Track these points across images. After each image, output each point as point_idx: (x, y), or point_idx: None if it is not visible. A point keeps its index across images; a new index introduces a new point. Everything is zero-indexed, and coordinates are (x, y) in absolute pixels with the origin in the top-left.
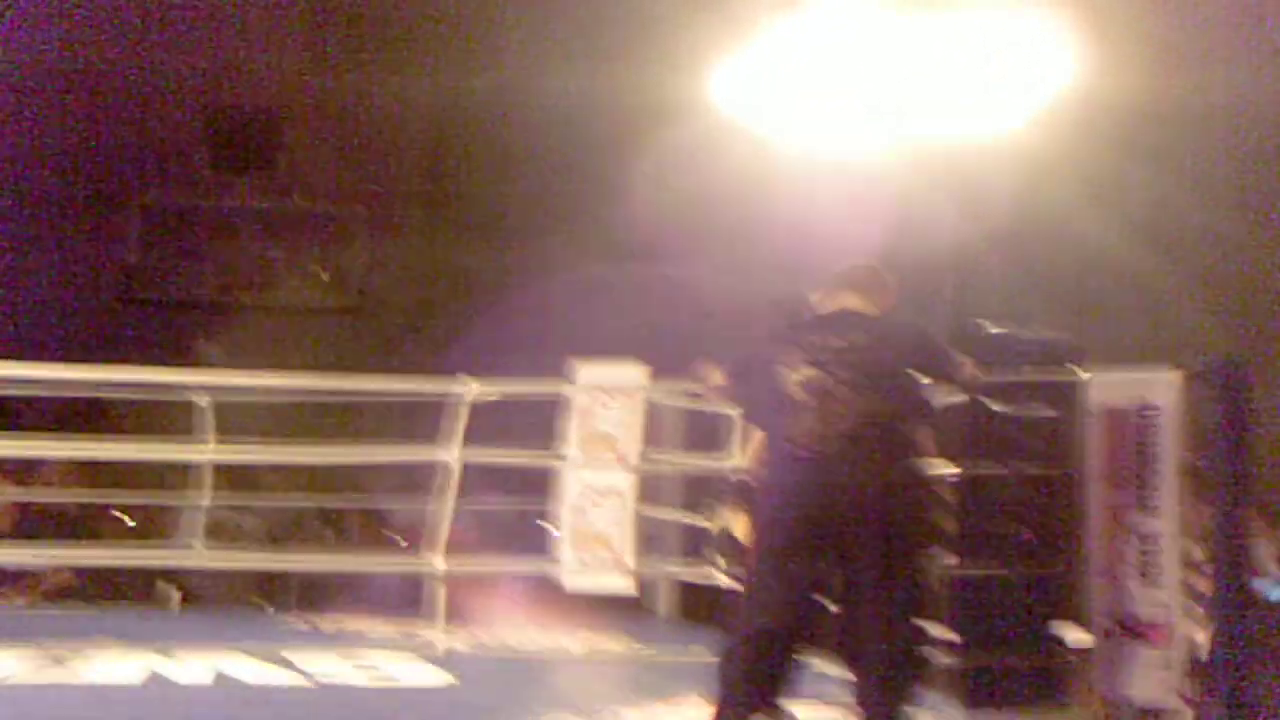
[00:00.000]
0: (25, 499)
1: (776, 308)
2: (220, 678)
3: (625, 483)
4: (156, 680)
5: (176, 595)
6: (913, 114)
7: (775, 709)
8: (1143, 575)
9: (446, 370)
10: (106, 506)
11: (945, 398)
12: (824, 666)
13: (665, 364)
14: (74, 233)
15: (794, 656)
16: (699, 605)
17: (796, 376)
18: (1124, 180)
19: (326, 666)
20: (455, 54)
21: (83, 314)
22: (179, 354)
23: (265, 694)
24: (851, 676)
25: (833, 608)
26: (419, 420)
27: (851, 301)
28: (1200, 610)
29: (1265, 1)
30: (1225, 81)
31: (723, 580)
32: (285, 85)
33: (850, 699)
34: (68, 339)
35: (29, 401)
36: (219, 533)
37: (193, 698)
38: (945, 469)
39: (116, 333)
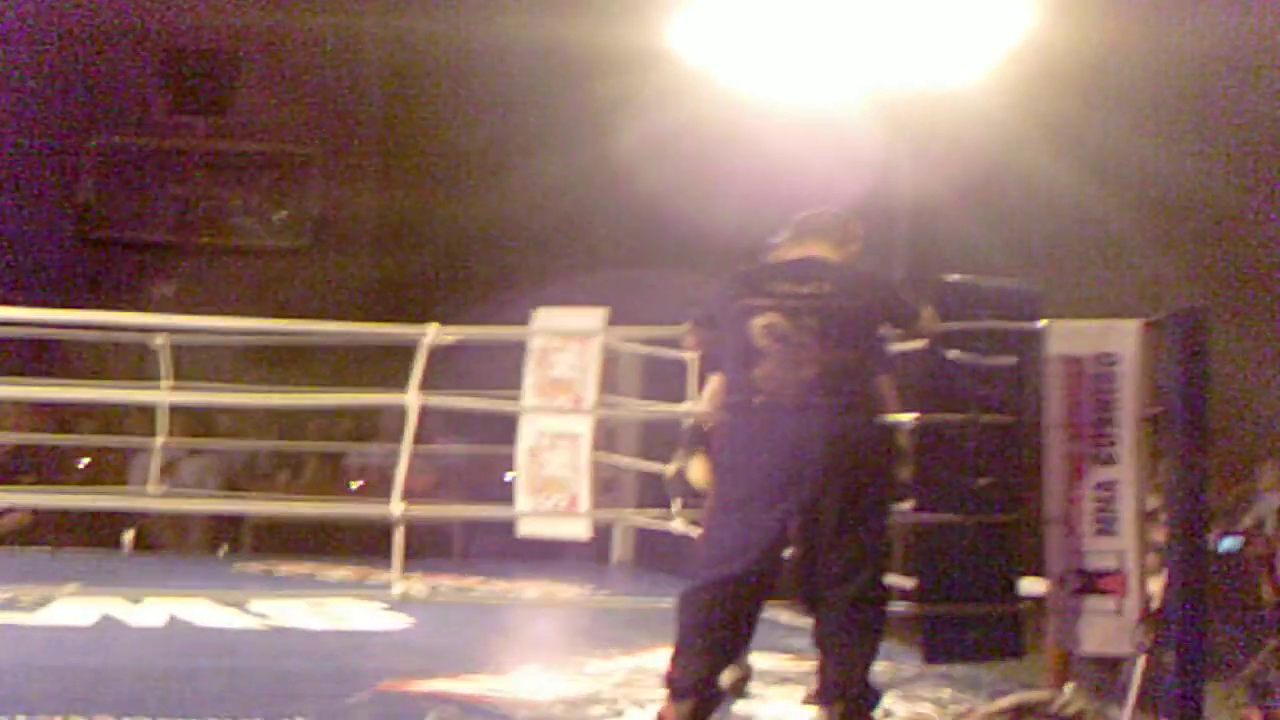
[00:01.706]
0: None
1: (739, 256)
2: (174, 620)
3: (582, 428)
4: (109, 622)
5: (130, 538)
6: (873, 63)
7: (735, 657)
8: (1099, 525)
9: (404, 313)
10: (61, 448)
11: (903, 345)
12: (784, 615)
13: (626, 310)
14: (29, 173)
15: (753, 604)
16: (657, 552)
17: (759, 322)
18: (1085, 129)
19: (281, 610)
20: None
21: (38, 254)
22: (134, 294)
23: (218, 636)
24: (813, 626)
25: (792, 554)
26: (377, 364)
27: (815, 249)
28: (1156, 560)
29: None
30: (1186, 27)
31: (681, 527)
32: (242, 26)
33: (812, 649)
34: (22, 279)
35: None
36: (174, 475)
37: (145, 640)
38: (904, 417)
39: (71, 272)
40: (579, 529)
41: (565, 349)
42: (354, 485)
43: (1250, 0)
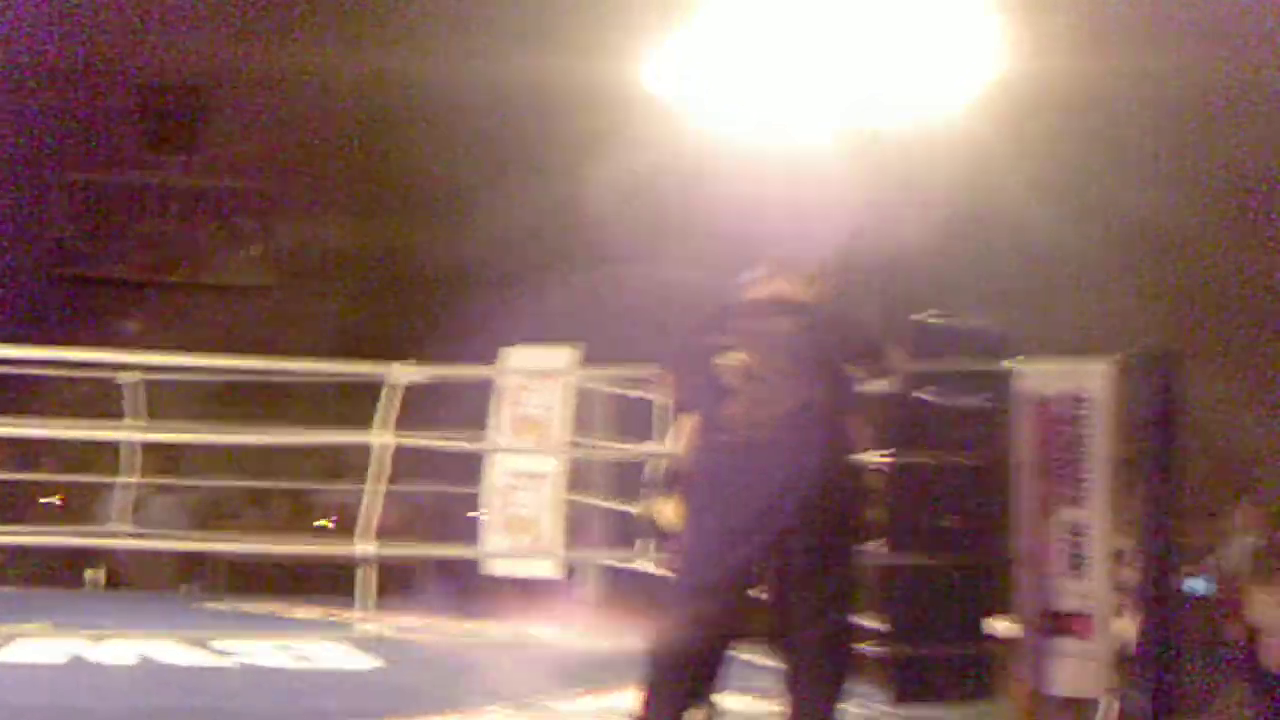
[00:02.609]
0: None
1: (709, 294)
2: (143, 660)
3: (552, 467)
4: (75, 661)
5: (97, 576)
6: (846, 102)
7: (703, 698)
8: (1071, 567)
9: (374, 351)
10: (32, 486)
11: (873, 386)
12: (754, 656)
13: (600, 349)
14: (2, 209)
15: (724, 646)
16: (625, 592)
17: (728, 361)
18: (1059, 168)
19: (250, 649)
20: (385, 32)
21: (10, 290)
22: (107, 331)
23: (184, 675)
24: (782, 666)
25: (764, 596)
26: (351, 402)
27: (785, 288)
28: (1127, 602)
29: None
30: (1161, 64)
31: (650, 567)
32: (215, 64)
33: (781, 690)
34: None
35: None
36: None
37: (111, 679)
38: (876, 458)
39: (43, 309)
40: (547, 568)
41: (535, 388)
42: (322, 524)
43: (1224, 39)
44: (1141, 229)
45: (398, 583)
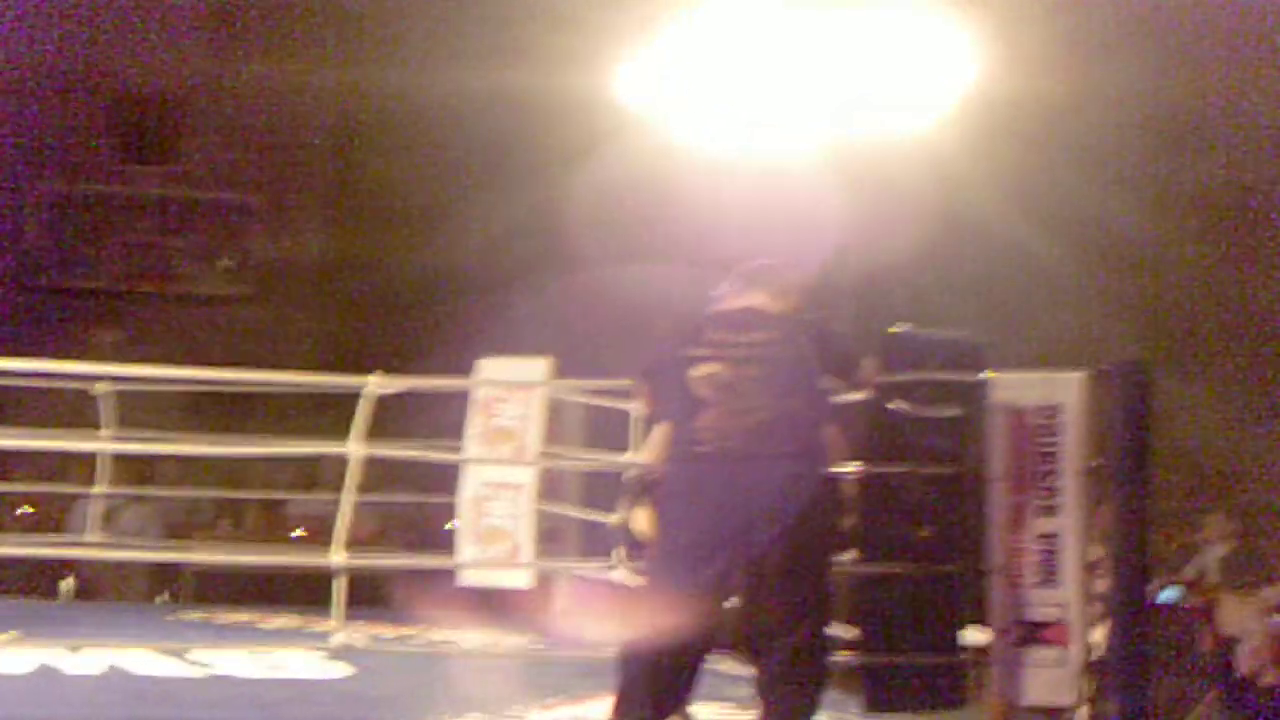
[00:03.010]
0: None
1: (683, 306)
2: (115, 670)
3: (525, 478)
4: (47, 671)
5: (69, 586)
6: (820, 113)
7: (677, 707)
8: (1042, 576)
9: (348, 361)
10: (6, 497)
11: (846, 396)
12: (727, 665)
13: (572, 360)
14: None
15: (696, 654)
16: (599, 602)
17: (701, 373)
18: (1033, 183)
19: (223, 659)
20: (358, 44)
21: None
22: (79, 343)
23: (157, 685)
24: (756, 675)
25: (736, 605)
26: (323, 412)
27: (757, 299)
28: (1098, 610)
29: None
30: (1134, 82)
31: (624, 577)
32: (189, 76)
33: (754, 699)
34: None
35: None
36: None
37: (84, 689)
38: (849, 467)
39: (15, 319)
40: (521, 578)
41: (509, 399)
42: (296, 534)
43: (1196, 58)
44: (1114, 243)
45: (372, 593)
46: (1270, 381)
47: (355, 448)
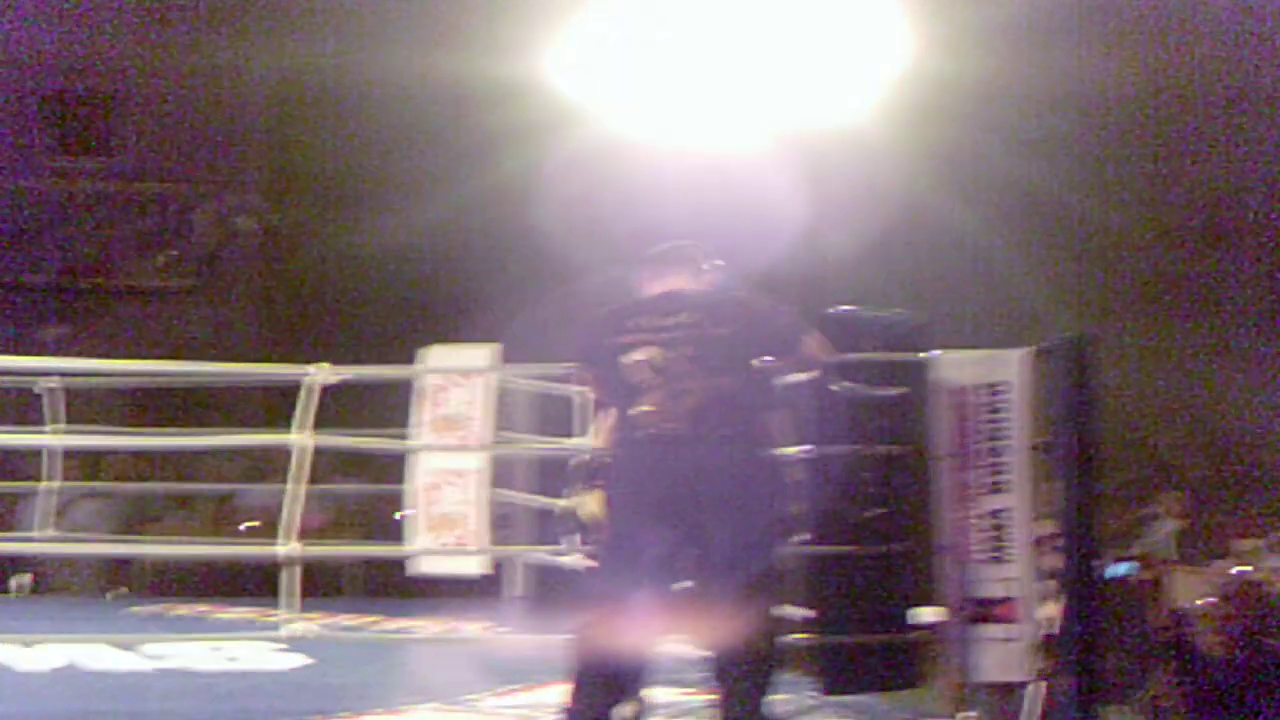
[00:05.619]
0: None
1: (605, 292)
2: (70, 664)
3: (476, 465)
4: (3, 669)
5: (23, 582)
6: (754, 97)
7: (631, 691)
8: (991, 553)
9: (295, 351)
10: None
11: (791, 376)
12: (682, 649)
13: (519, 346)
14: None
15: (650, 640)
16: (552, 587)
17: (633, 358)
18: (971, 161)
19: (177, 651)
20: (294, 31)
21: None
22: (23, 338)
23: (112, 680)
24: (709, 658)
25: (686, 588)
26: (273, 402)
27: (675, 281)
28: (1049, 586)
29: None
30: (1075, 63)
31: (574, 562)
32: (124, 66)
33: (706, 681)
34: None
35: None
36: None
37: (39, 684)
38: (794, 448)
39: None
40: (473, 565)
41: (456, 386)
42: (247, 525)
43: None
44: (1055, 221)
45: (326, 582)
46: (1211, 352)
47: (299, 438)
